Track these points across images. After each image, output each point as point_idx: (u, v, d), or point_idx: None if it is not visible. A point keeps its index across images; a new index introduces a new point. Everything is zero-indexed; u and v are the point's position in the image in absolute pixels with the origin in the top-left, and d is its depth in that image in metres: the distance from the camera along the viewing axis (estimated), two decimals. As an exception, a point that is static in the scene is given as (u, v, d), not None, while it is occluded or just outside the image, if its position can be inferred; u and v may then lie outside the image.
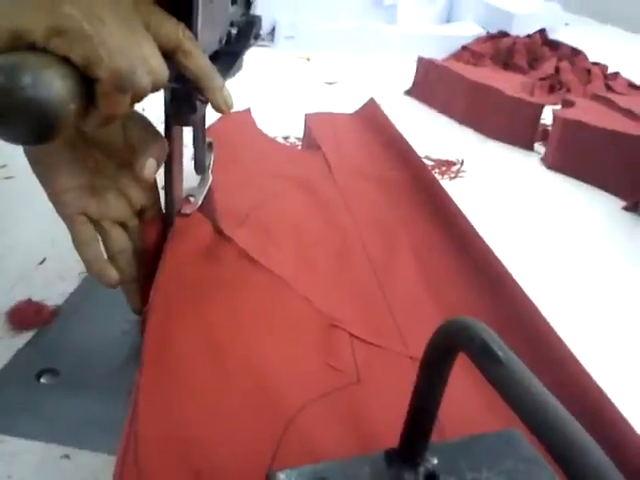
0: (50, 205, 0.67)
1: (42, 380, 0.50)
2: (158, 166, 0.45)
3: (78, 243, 0.47)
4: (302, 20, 1.80)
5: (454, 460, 0.32)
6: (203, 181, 0.56)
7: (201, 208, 0.54)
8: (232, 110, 0.43)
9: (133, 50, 0.33)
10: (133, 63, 0.32)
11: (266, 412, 0.37)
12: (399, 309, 0.49)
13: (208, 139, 0.54)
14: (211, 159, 0.56)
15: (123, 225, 0.49)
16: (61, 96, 0.29)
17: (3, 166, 0.85)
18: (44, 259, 0.66)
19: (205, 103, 0.43)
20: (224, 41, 0.47)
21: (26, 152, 0.45)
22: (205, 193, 0.55)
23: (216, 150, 0.57)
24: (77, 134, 0.46)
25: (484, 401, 0.40)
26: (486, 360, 0.24)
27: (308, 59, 1.69)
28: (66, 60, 0.30)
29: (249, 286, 0.48)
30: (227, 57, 0.47)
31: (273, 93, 1.34)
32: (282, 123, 1.11)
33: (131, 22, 0.34)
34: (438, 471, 0.32)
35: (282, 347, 0.42)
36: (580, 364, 0.42)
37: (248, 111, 0.88)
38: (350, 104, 1.15)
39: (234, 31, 0.50)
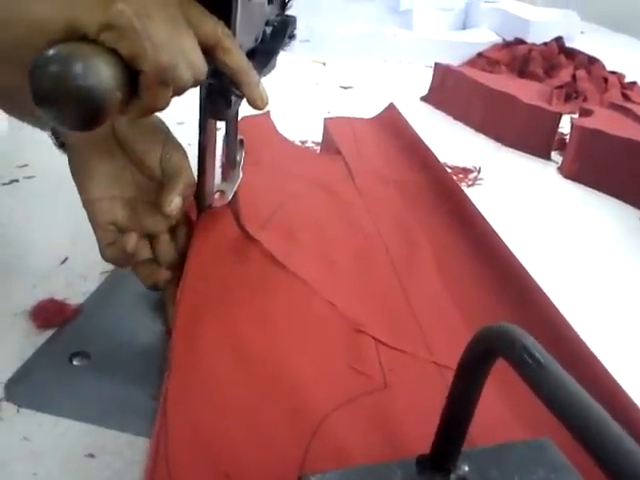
0: (71, 205, 0.68)
1: (74, 362, 0.51)
2: (183, 203, 0.48)
3: (103, 246, 0.49)
4: (317, 24, 1.81)
5: (485, 468, 0.32)
6: (233, 177, 0.57)
7: (228, 204, 0.55)
8: (266, 105, 0.44)
9: (176, 45, 0.35)
10: (175, 58, 0.34)
11: (295, 416, 0.37)
12: (422, 314, 0.49)
13: (239, 136, 0.55)
14: (242, 156, 0.57)
15: (152, 236, 0.50)
16: (108, 84, 0.31)
17: (24, 165, 0.85)
18: (66, 258, 0.66)
19: (241, 98, 0.44)
20: (260, 39, 0.48)
21: (69, 162, 0.49)
22: (235, 188, 0.56)
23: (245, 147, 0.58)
24: (118, 146, 0.47)
25: (514, 409, 0.39)
26: (528, 367, 0.24)
27: (324, 63, 1.70)
28: (114, 51, 0.32)
29: (274, 289, 0.48)
30: (262, 55, 0.49)
31: (289, 97, 1.34)
32: (299, 127, 1.11)
33: (175, 19, 0.35)
34: (469, 479, 0.32)
35: (309, 352, 0.42)
36: (605, 368, 0.42)
37: (267, 114, 0.89)
38: (366, 109, 1.15)
39: (269, 30, 0.50)
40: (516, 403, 0.39)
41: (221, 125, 0.53)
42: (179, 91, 0.37)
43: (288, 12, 0.56)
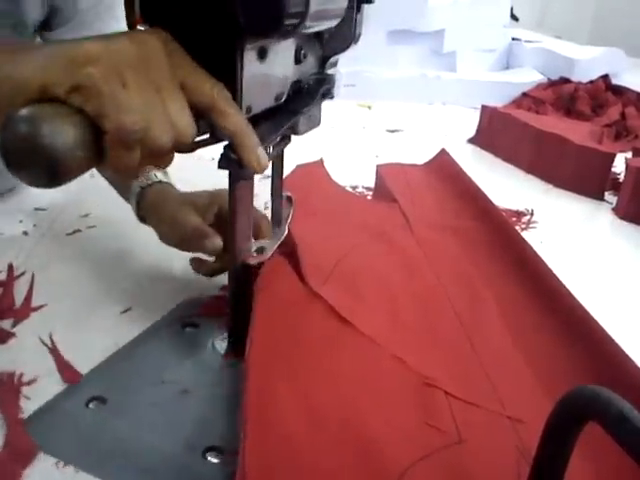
0: (132, 254, 0.70)
1: (90, 406, 0.51)
2: None
3: None
4: (362, 68, 1.84)
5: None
6: (276, 234, 0.58)
7: (288, 257, 0.56)
8: (263, 168, 0.44)
9: (152, 108, 0.36)
10: (147, 120, 0.35)
11: (372, 475, 0.37)
12: (490, 366, 0.49)
13: (287, 193, 0.56)
14: (289, 213, 0.57)
15: None
16: (69, 144, 0.33)
17: (86, 215, 0.88)
18: (129, 308, 0.68)
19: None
20: (284, 98, 0.48)
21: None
22: (276, 246, 0.56)
23: (295, 204, 0.59)
24: None
25: (600, 474, 0.38)
26: (627, 433, 0.23)
27: (369, 107, 1.72)
28: (82, 113, 0.34)
29: (341, 346, 0.48)
30: (284, 115, 0.48)
31: (336, 142, 1.36)
32: (348, 172, 1.12)
33: (160, 82, 0.36)
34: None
35: (380, 408, 0.42)
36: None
37: (321, 162, 0.90)
38: (414, 152, 1.16)
39: (297, 89, 0.50)
40: (603, 467, 0.38)
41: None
42: (156, 154, 0.37)
43: (332, 70, 0.56)
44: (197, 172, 0.94)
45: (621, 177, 1.13)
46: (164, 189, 0.70)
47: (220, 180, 0.52)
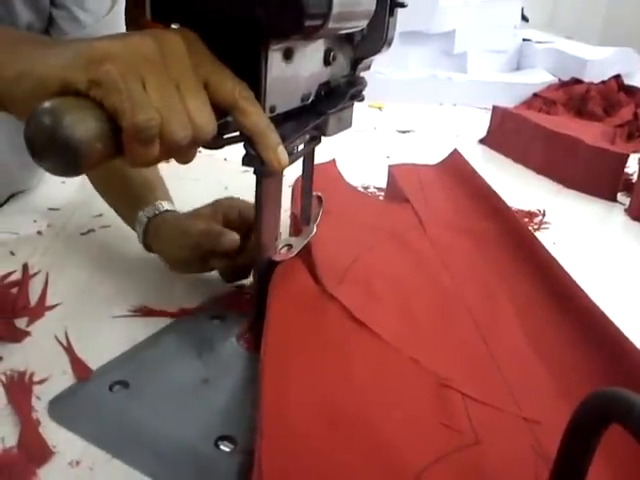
0: (146, 254, 0.70)
1: (114, 390, 0.52)
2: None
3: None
4: (373, 69, 1.83)
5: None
6: (305, 232, 0.58)
7: (301, 257, 0.56)
8: (283, 167, 0.44)
9: (170, 104, 0.36)
10: (160, 116, 0.36)
11: (388, 476, 0.37)
12: (507, 367, 0.49)
13: (317, 193, 0.56)
14: (318, 212, 0.57)
15: None
16: (89, 137, 0.34)
17: (99, 215, 0.88)
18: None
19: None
20: (311, 99, 0.48)
21: None
22: (304, 244, 0.57)
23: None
24: None
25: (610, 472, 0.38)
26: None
27: (380, 108, 1.72)
28: (103, 106, 0.35)
29: (356, 347, 0.48)
30: (311, 115, 0.49)
31: (348, 142, 1.35)
32: (360, 172, 1.12)
33: (180, 79, 0.37)
34: None
35: (396, 409, 0.42)
36: None
37: (333, 162, 0.90)
38: (425, 153, 1.16)
39: (328, 90, 0.50)
40: (620, 468, 0.38)
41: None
42: (175, 148, 0.38)
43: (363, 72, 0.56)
44: (210, 171, 0.94)
45: (634, 178, 1.13)
46: (170, 215, 0.71)
47: (233, 181, 0.52)
